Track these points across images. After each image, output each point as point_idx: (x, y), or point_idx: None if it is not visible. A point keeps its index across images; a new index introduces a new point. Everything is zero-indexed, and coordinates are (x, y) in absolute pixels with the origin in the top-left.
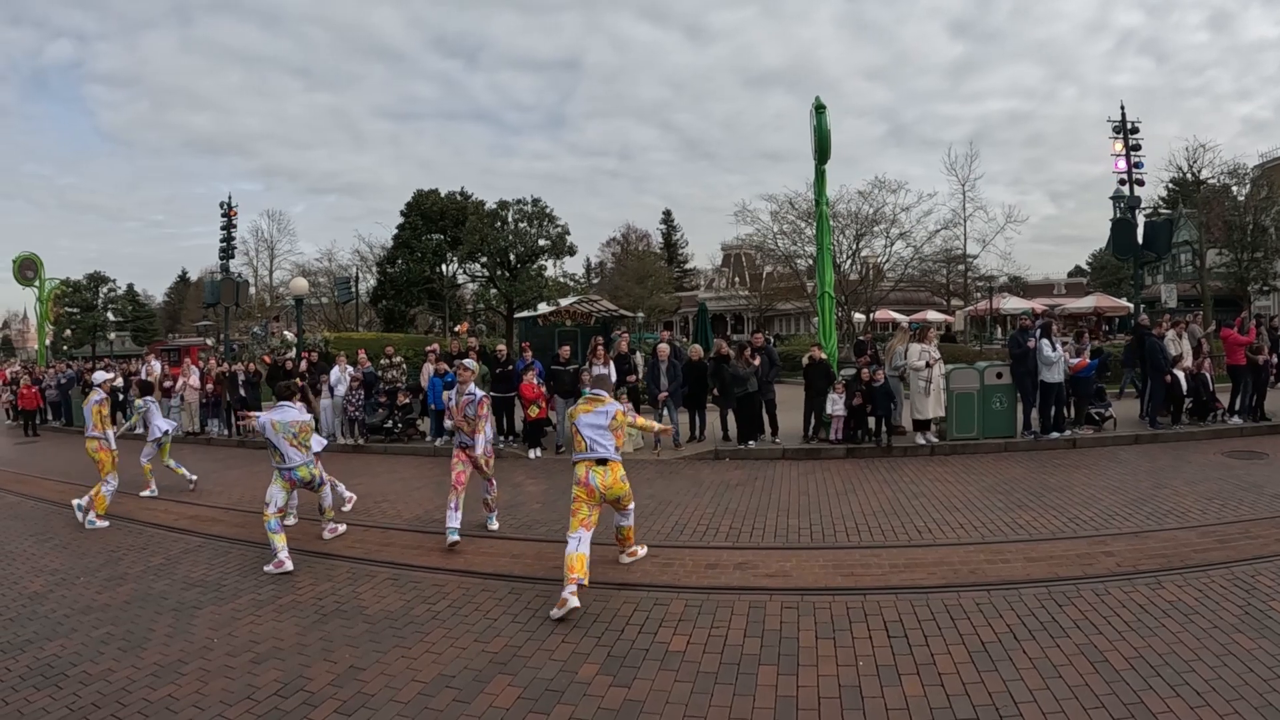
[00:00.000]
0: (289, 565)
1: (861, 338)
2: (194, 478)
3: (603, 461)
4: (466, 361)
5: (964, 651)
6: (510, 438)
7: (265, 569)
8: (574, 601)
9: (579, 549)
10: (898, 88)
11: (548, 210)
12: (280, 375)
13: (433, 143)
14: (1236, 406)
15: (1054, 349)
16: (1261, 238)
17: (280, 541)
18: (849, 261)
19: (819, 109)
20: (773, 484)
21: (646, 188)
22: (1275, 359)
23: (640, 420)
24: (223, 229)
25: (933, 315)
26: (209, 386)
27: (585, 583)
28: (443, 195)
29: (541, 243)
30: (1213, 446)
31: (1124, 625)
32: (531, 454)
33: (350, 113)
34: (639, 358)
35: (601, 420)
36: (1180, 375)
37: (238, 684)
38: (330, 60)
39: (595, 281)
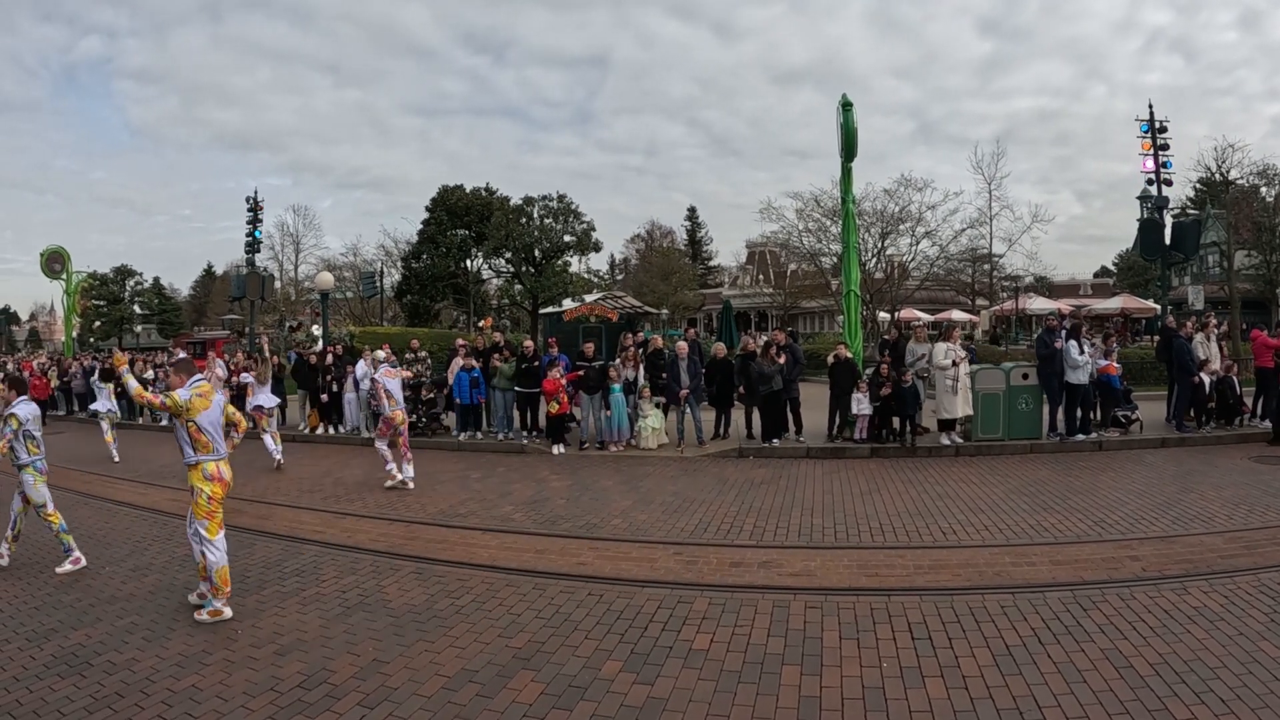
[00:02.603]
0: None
1: (886, 336)
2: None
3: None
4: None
5: (988, 654)
6: (534, 433)
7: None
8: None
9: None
10: (926, 85)
11: (573, 206)
12: (306, 369)
13: (461, 138)
14: (1260, 410)
15: (1082, 351)
16: None
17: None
18: (874, 260)
19: (846, 106)
20: (797, 483)
21: (673, 184)
22: None
23: None
24: (249, 224)
25: (957, 315)
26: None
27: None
28: (468, 191)
29: (567, 239)
30: (1240, 451)
31: (1149, 631)
32: (555, 450)
33: (378, 108)
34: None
35: (217, 414)
36: (1205, 378)
37: (261, 675)
38: (359, 56)
39: (620, 278)
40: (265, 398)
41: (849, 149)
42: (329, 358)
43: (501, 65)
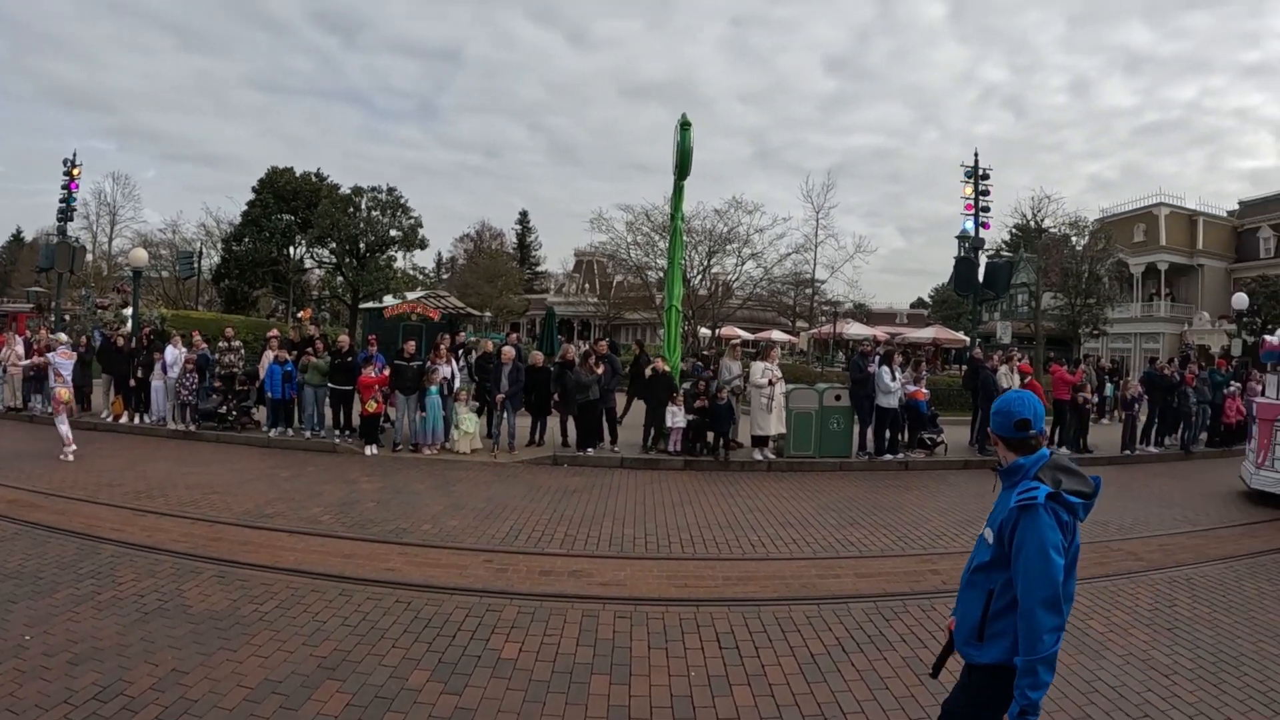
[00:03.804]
0: None
1: (705, 352)
2: None
3: None
4: None
5: (794, 663)
6: (347, 432)
7: None
8: None
9: None
10: (770, 113)
11: (402, 200)
12: (113, 352)
13: (300, 119)
14: (1058, 438)
15: (893, 376)
16: (1095, 285)
17: None
18: (699, 277)
19: (684, 125)
20: (610, 492)
21: (511, 187)
22: (1097, 397)
23: None
24: (63, 189)
25: (777, 335)
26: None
27: None
28: (298, 175)
29: (393, 233)
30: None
31: None
32: (368, 450)
33: (220, 79)
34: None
35: None
36: None
37: (54, 687)
38: (207, 21)
39: (446, 277)
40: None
41: (683, 167)
42: (136, 341)
43: (352, 48)
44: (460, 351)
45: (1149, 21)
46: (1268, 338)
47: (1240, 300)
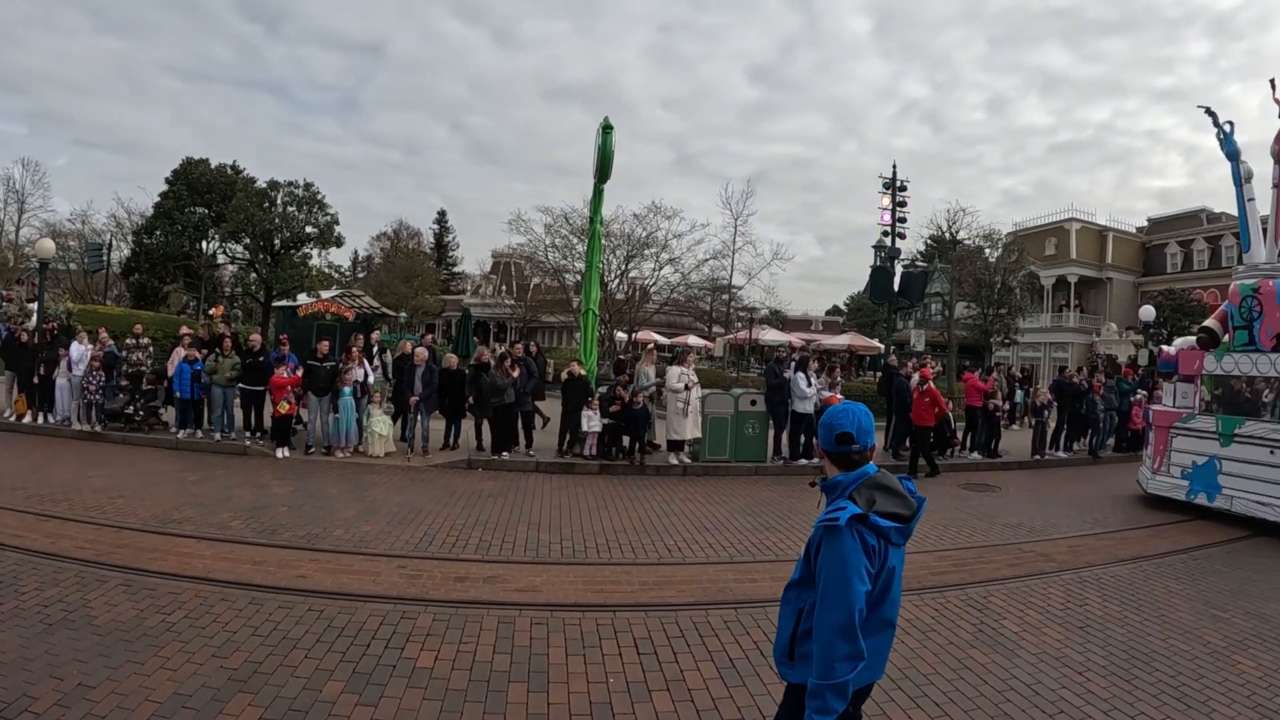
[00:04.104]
0: None
1: (621, 356)
2: None
3: None
4: None
5: (713, 667)
6: (258, 434)
7: None
8: None
9: None
10: (692, 120)
11: (319, 196)
12: (16, 348)
13: (218, 109)
14: (970, 444)
15: (809, 382)
16: (1007, 296)
17: None
18: (617, 281)
19: (606, 129)
20: (525, 497)
21: (430, 186)
22: (1008, 404)
23: None
24: None
25: (694, 340)
26: None
27: None
28: (213, 167)
29: (309, 230)
30: (951, 479)
31: None
32: (279, 453)
33: (138, 63)
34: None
35: None
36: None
37: None
38: (125, 1)
39: (361, 276)
40: None
41: (603, 170)
42: (40, 337)
43: (275, 38)
44: (374, 352)
45: (1068, 45)
46: (1165, 348)
47: (1147, 312)
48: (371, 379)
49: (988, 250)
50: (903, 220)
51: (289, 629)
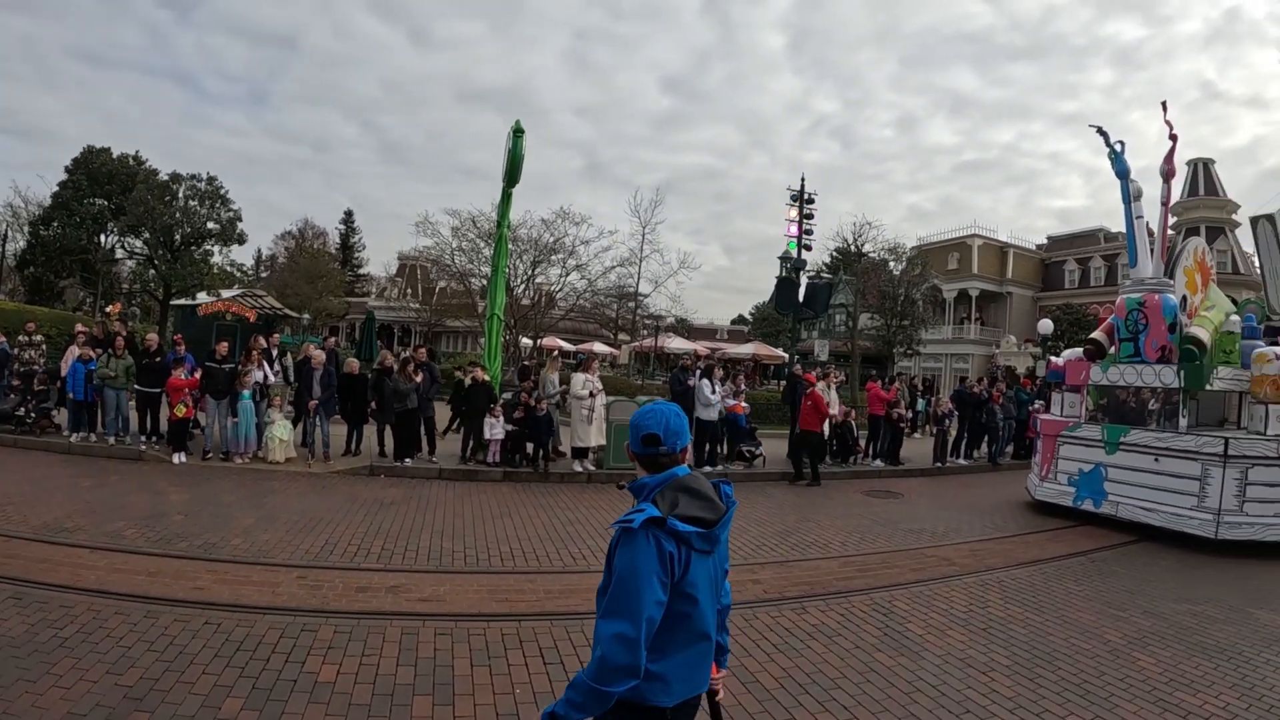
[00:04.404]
0: None
1: (526, 363)
2: None
3: None
4: None
5: None
6: (154, 438)
7: None
8: None
9: None
10: (605, 128)
11: (223, 191)
12: None
13: (125, 97)
14: (873, 452)
15: (713, 390)
16: (910, 308)
17: None
18: (523, 286)
19: (517, 132)
20: (428, 504)
21: (338, 185)
22: (911, 413)
23: None
24: None
25: (599, 348)
26: None
27: None
28: (115, 156)
29: (211, 225)
30: (855, 486)
31: (771, 647)
32: (176, 458)
33: (45, 44)
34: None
35: None
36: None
37: None
38: None
39: (265, 275)
40: None
41: (512, 174)
42: None
43: (186, 24)
44: (275, 355)
45: (977, 68)
46: (1053, 359)
47: (1045, 325)
48: (272, 380)
49: (892, 263)
50: (809, 232)
51: (185, 643)
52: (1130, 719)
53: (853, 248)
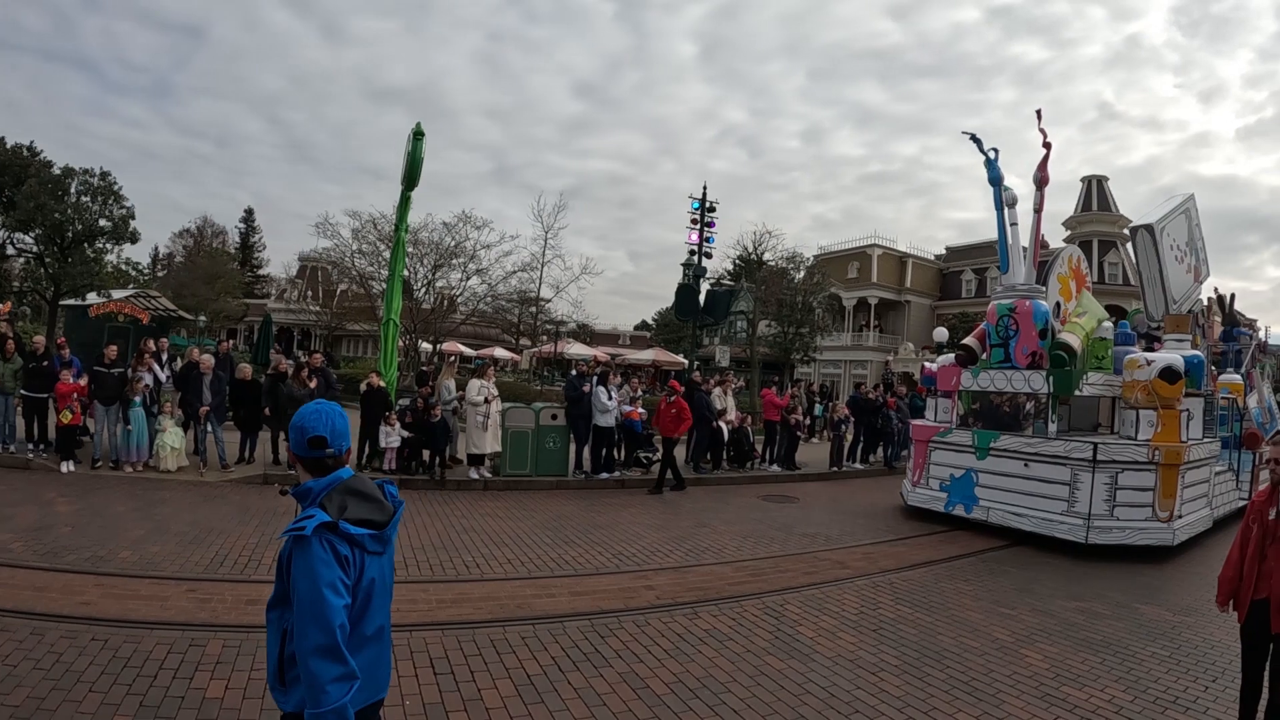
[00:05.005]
0: None
1: (424, 368)
2: None
3: None
4: None
5: (510, 685)
6: (40, 446)
7: None
8: None
9: None
10: (514, 131)
11: (116, 187)
12: None
13: (23, 83)
14: (770, 456)
15: (609, 396)
16: (809, 316)
17: None
18: (423, 290)
19: (417, 135)
20: None
21: (240, 182)
22: (808, 419)
23: None
24: None
25: (500, 353)
26: None
27: None
28: (8, 146)
29: (103, 223)
30: (751, 491)
31: (663, 653)
32: (64, 467)
33: None
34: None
35: None
36: (723, 426)
37: None
38: None
39: (162, 275)
40: None
41: (412, 177)
42: None
43: (91, 9)
44: (165, 358)
45: (884, 83)
46: (926, 364)
47: (941, 334)
48: (165, 383)
49: (792, 272)
50: (710, 240)
51: (72, 661)
52: (1017, 714)
53: (753, 256)
